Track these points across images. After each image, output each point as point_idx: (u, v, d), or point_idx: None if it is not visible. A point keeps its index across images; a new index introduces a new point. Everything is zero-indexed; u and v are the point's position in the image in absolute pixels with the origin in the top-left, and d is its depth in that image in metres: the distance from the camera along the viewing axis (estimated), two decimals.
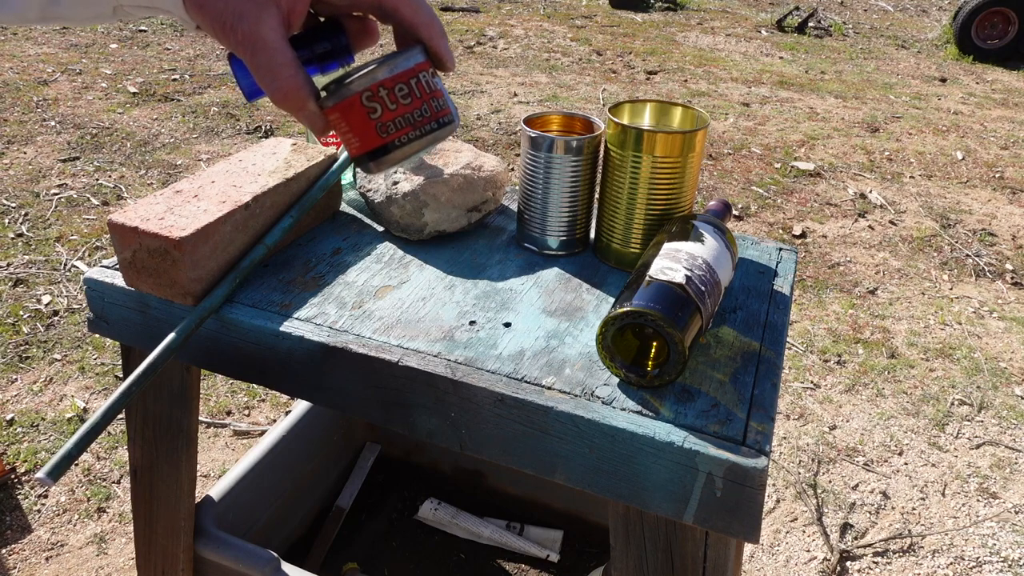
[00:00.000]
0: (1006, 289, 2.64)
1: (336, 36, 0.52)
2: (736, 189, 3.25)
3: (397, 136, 0.49)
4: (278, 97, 0.48)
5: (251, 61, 0.47)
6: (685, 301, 0.64)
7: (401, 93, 0.49)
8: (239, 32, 0.46)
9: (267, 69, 0.47)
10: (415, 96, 0.49)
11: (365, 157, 0.50)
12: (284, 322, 0.73)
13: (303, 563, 1.29)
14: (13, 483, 1.63)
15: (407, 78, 0.49)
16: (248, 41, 0.46)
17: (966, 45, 5.76)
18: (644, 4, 6.93)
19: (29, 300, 2.23)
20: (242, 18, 0.46)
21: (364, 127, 0.49)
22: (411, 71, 0.49)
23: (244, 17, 0.46)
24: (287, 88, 0.48)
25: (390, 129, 0.49)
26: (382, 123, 0.49)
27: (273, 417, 1.87)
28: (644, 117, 0.88)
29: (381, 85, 0.48)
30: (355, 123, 0.49)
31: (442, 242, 0.89)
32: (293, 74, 0.47)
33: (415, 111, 0.50)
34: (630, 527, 0.68)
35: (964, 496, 1.75)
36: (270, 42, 0.46)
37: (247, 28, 0.46)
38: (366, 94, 0.48)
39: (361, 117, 0.49)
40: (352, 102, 0.48)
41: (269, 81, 0.47)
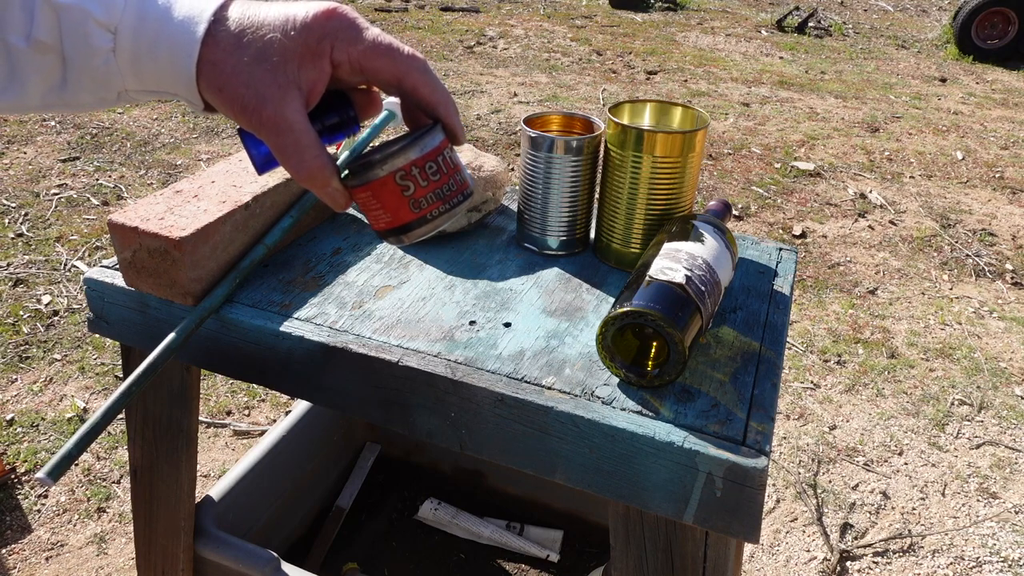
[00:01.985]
0: (1006, 289, 2.64)
1: (344, 109, 0.53)
2: (736, 189, 3.25)
3: (429, 211, 0.52)
4: (303, 176, 0.49)
5: (275, 143, 0.48)
6: (685, 301, 0.64)
7: (431, 170, 0.51)
8: (263, 115, 0.46)
9: (293, 151, 0.48)
10: (443, 172, 0.52)
11: (396, 230, 0.52)
12: (284, 322, 0.73)
13: (303, 563, 1.29)
14: (13, 483, 1.63)
15: (435, 156, 0.51)
16: (272, 124, 0.47)
17: (966, 45, 5.76)
18: (644, 4, 6.93)
19: (29, 300, 2.23)
20: (266, 102, 0.46)
21: (397, 204, 0.51)
22: (437, 149, 0.51)
23: (268, 100, 0.46)
24: (312, 168, 0.48)
25: (422, 204, 0.52)
26: (415, 200, 0.51)
27: (273, 417, 1.87)
28: (644, 117, 0.88)
29: (414, 164, 0.50)
30: (387, 200, 0.51)
31: (442, 242, 0.89)
32: (317, 155, 0.48)
33: (444, 186, 0.52)
34: (630, 527, 0.68)
35: (964, 496, 1.75)
36: (294, 124, 0.47)
37: (271, 112, 0.46)
38: (400, 173, 0.50)
39: (394, 195, 0.51)
40: (385, 181, 0.50)
41: (296, 163, 0.48)
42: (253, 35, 0.47)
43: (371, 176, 0.50)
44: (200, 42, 0.46)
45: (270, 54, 0.46)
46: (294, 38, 0.47)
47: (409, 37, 5.44)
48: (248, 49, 0.46)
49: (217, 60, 0.46)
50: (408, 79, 0.50)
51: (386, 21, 5.89)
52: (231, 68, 0.46)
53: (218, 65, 0.46)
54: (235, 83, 0.46)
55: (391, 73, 0.49)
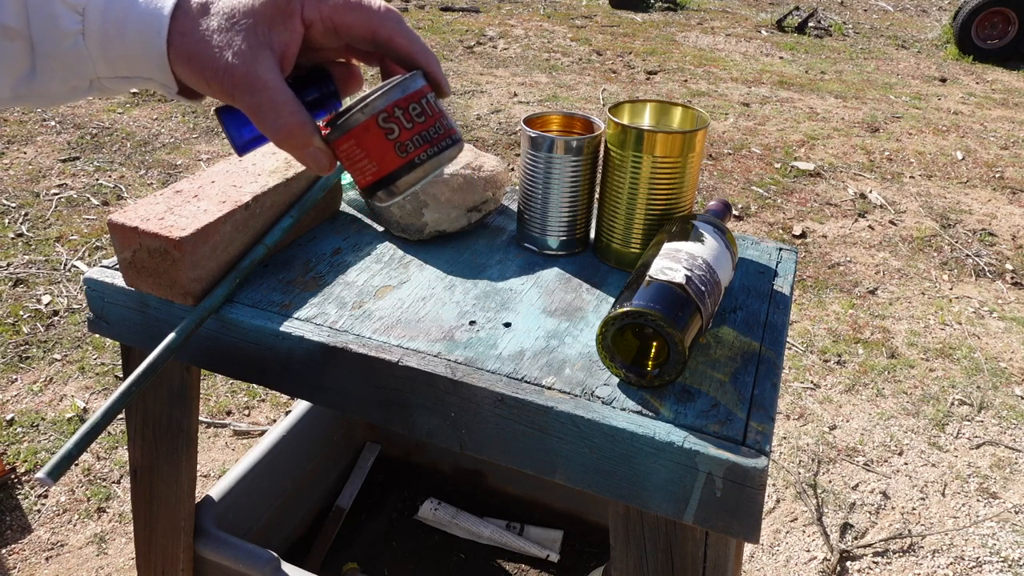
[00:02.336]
0: (1006, 289, 2.64)
1: (324, 83, 0.52)
2: (736, 189, 3.25)
3: (416, 154, 0.49)
4: (282, 135, 0.47)
5: (249, 102, 0.46)
6: (685, 301, 0.64)
7: (415, 112, 0.49)
8: (236, 75, 0.45)
9: (269, 108, 0.46)
10: (427, 115, 0.50)
11: (385, 180, 0.50)
12: (284, 322, 0.73)
13: (303, 563, 1.29)
14: (13, 483, 1.63)
15: (418, 98, 0.49)
16: (245, 83, 0.45)
17: (966, 45, 5.76)
18: (644, 4, 6.93)
19: (29, 300, 2.23)
20: (237, 63, 0.45)
21: (382, 149, 0.48)
22: (420, 92, 0.49)
23: (239, 62, 0.45)
24: (291, 125, 0.47)
25: (409, 148, 0.49)
26: (400, 143, 0.49)
27: (273, 417, 1.87)
28: (644, 117, 0.88)
29: (396, 105, 0.48)
30: (372, 147, 0.48)
31: (442, 242, 0.89)
32: (295, 110, 0.47)
33: (430, 128, 0.50)
34: (630, 527, 0.68)
35: (964, 496, 1.75)
36: (268, 81, 0.46)
37: (243, 71, 0.45)
38: (382, 115, 0.48)
39: (378, 139, 0.48)
40: (368, 125, 0.48)
41: (272, 120, 0.46)
42: (221, 2, 0.46)
43: (352, 122, 0.48)
44: (169, 15, 0.45)
45: (238, 18, 0.45)
46: (263, 1, 0.46)
47: None
48: (216, 16, 0.45)
49: (186, 30, 0.45)
50: (383, 30, 0.49)
51: None
52: (200, 35, 0.45)
53: (187, 34, 0.45)
54: (204, 49, 0.45)
55: (365, 27, 0.48)
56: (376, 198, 0.51)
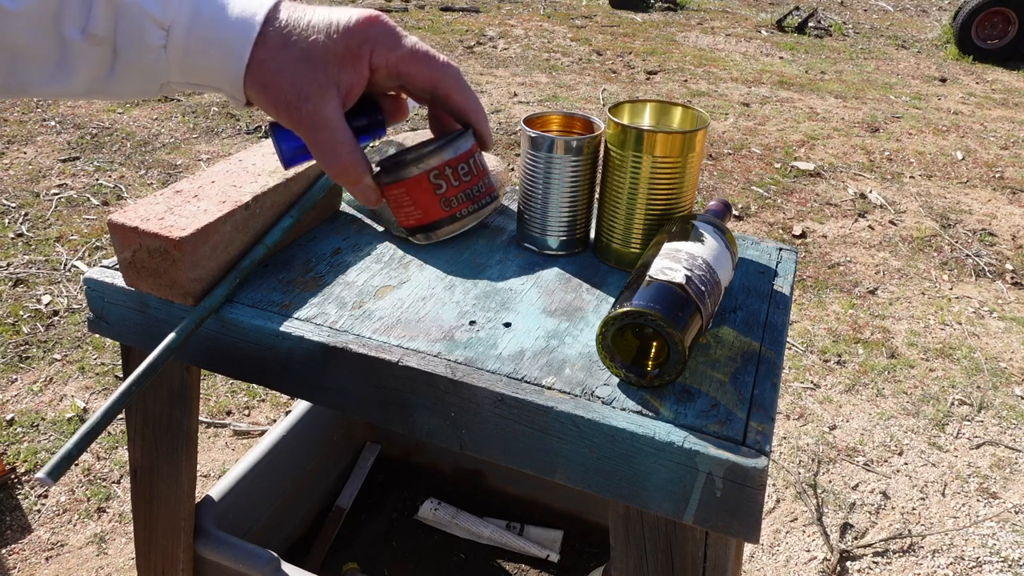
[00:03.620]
0: (1006, 289, 2.64)
1: (373, 113, 0.55)
2: (736, 189, 3.25)
3: (458, 210, 0.55)
4: (337, 171, 0.51)
5: (312, 138, 0.50)
6: (685, 301, 0.64)
7: (463, 171, 0.54)
8: (303, 111, 0.49)
9: (328, 146, 0.50)
10: (473, 174, 0.55)
11: (423, 228, 0.55)
12: (284, 322, 0.73)
13: (303, 563, 1.29)
14: (13, 483, 1.63)
15: (467, 159, 0.54)
16: (311, 120, 0.49)
17: (966, 45, 5.76)
18: (644, 4, 6.93)
19: (29, 300, 2.23)
20: (307, 99, 0.48)
21: (429, 202, 0.54)
22: (469, 152, 0.54)
23: (309, 98, 0.48)
24: (346, 164, 0.51)
25: (452, 203, 0.55)
26: (446, 198, 0.54)
27: (273, 417, 1.87)
28: (644, 117, 0.88)
29: (447, 164, 0.53)
30: (420, 198, 0.54)
31: (442, 242, 0.89)
32: (351, 151, 0.51)
33: (473, 187, 0.55)
34: (630, 527, 0.68)
35: (964, 496, 1.75)
36: (332, 122, 0.49)
37: (311, 108, 0.48)
38: (433, 172, 0.53)
39: (427, 193, 0.54)
40: (420, 179, 0.53)
41: (331, 158, 0.50)
42: (299, 36, 0.48)
43: (406, 174, 0.53)
44: (253, 42, 0.48)
45: (313, 54, 0.48)
46: (337, 41, 0.49)
47: None
48: (294, 49, 0.48)
49: (264, 58, 0.48)
50: (442, 85, 0.52)
51: None
52: (276, 66, 0.48)
53: (265, 63, 0.48)
54: (279, 80, 0.48)
55: (426, 79, 0.52)
56: (415, 237, 0.56)
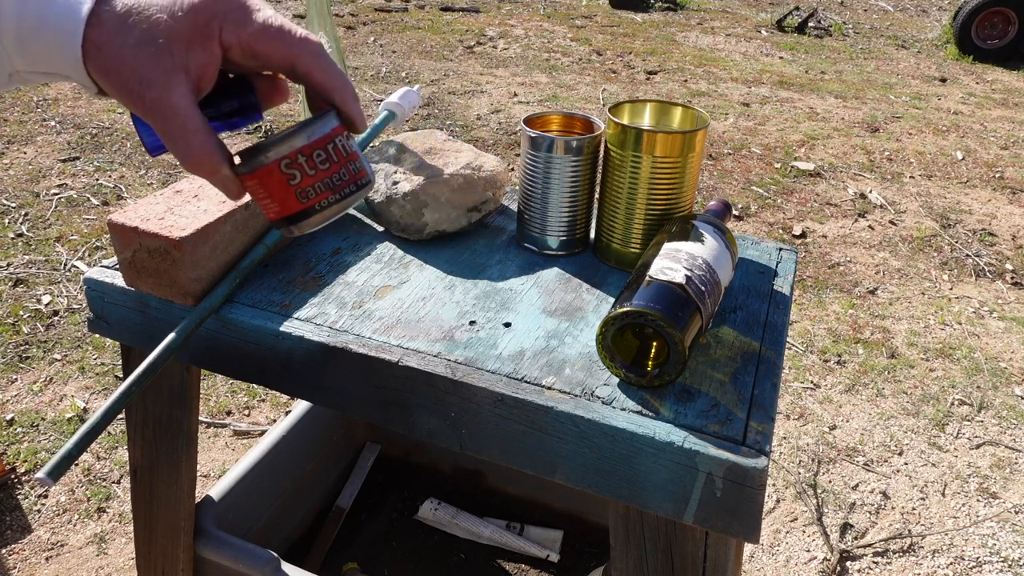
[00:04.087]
0: (1006, 289, 2.64)
1: (245, 94, 0.51)
2: (736, 189, 3.25)
3: (317, 201, 0.50)
4: (190, 164, 0.47)
5: (161, 128, 0.46)
6: (685, 301, 0.64)
7: (319, 159, 0.49)
8: (147, 99, 0.45)
9: (179, 136, 0.46)
10: (332, 161, 0.50)
11: (284, 221, 0.51)
12: (284, 322, 0.73)
13: (303, 563, 1.29)
14: (13, 483, 1.63)
15: (324, 144, 0.49)
16: (157, 108, 0.45)
17: (966, 45, 5.76)
18: (644, 4, 6.93)
19: (29, 300, 2.23)
20: (150, 85, 0.45)
21: (283, 193, 0.49)
22: (327, 136, 0.49)
23: (152, 84, 0.45)
24: (199, 154, 0.47)
25: (310, 194, 0.49)
26: (301, 189, 0.49)
27: (273, 417, 1.87)
28: (644, 117, 0.88)
29: (299, 152, 0.48)
30: (274, 189, 0.49)
31: (442, 242, 0.89)
32: (204, 140, 0.47)
33: (333, 175, 0.50)
34: (630, 527, 0.68)
35: (964, 496, 1.75)
36: (180, 109, 0.46)
37: (155, 95, 0.45)
38: (284, 161, 0.48)
39: (280, 184, 0.49)
40: (270, 169, 0.48)
41: (182, 148, 0.47)
42: (139, 16, 0.45)
43: (256, 163, 0.48)
44: (83, 22, 0.44)
45: (156, 36, 0.45)
46: (181, 19, 0.45)
47: (409, 37, 5.45)
48: (133, 31, 0.45)
49: (102, 42, 0.45)
50: (301, 63, 0.48)
51: (386, 21, 5.89)
52: (116, 51, 0.45)
53: (103, 48, 0.45)
54: (120, 66, 0.45)
55: (283, 57, 0.48)
56: (285, 230, 0.52)
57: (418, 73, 4.59)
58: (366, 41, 5.27)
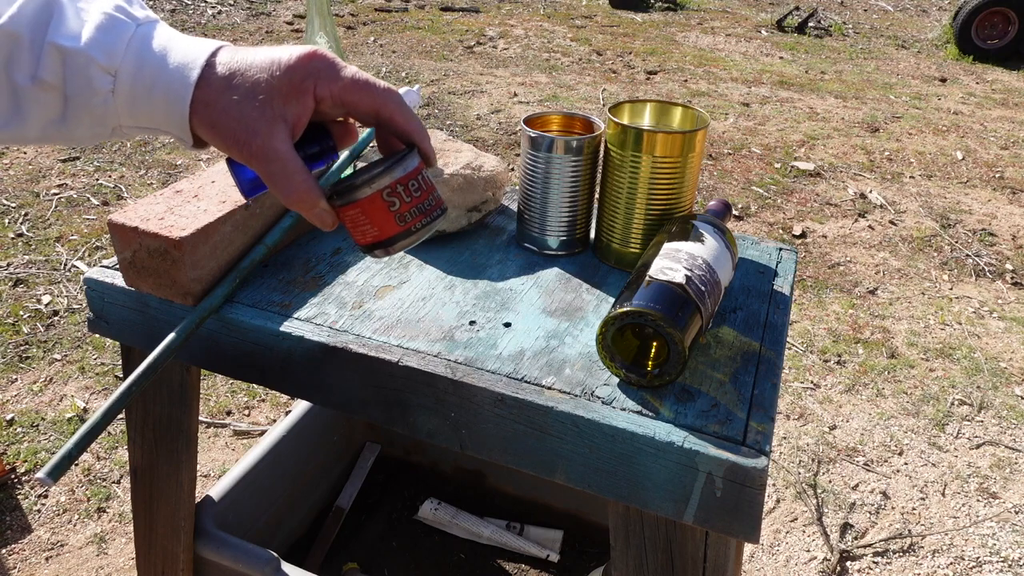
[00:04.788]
0: (1006, 289, 2.64)
1: (324, 138, 0.58)
2: (736, 189, 3.25)
3: (412, 224, 0.58)
4: (292, 200, 0.54)
5: (265, 170, 0.52)
6: (685, 301, 0.64)
7: (413, 188, 0.57)
8: (253, 146, 0.51)
9: (282, 177, 0.53)
10: (423, 190, 0.58)
11: (383, 243, 0.58)
12: (284, 322, 0.73)
13: (303, 563, 1.29)
14: (13, 483, 1.63)
15: (416, 175, 0.57)
16: (262, 153, 0.51)
17: (966, 45, 5.76)
18: (644, 4, 6.93)
19: (29, 300, 2.23)
20: (255, 134, 0.51)
21: (384, 218, 0.57)
22: (417, 170, 0.57)
23: (257, 133, 0.51)
24: (301, 192, 0.53)
25: (407, 218, 0.57)
26: (400, 214, 0.57)
27: (273, 417, 1.87)
28: (644, 117, 0.88)
29: (399, 182, 0.56)
30: (375, 216, 0.57)
31: (442, 242, 0.89)
32: (304, 179, 0.53)
33: (424, 202, 0.58)
34: (630, 527, 0.68)
35: (964, 496, 1.75)
36: (282, 153, 0.52)
37: (260, 142, 0.51)
38: (386, 190, 0.56)
39: (382, 210, 0.56)
40: (374, 198, 0.56)
41: (284, 187, 0.53)
42: (242, 77, 0.51)
43: (360, 195, 0.56)
44: (193, 86, 0.50)
45: (257, 92, 0.51)
46: (279, 78, 0.51)
47: (409, 37, 5.44)
48: (238, 89, 0.51)
49: (210, 100, 0.51)
50: (385, 110, 0.55)
51: (386, 21, 5.89)
52: (222, 106, 0.51)
53: (211, 104, 0.51)
54: (226, 119, 0.51)
55: (369, 105, 0.55)
56: (373, 253, 0.59)
57: (418, 73, 4.59)
58: (366, 41, 5.27)
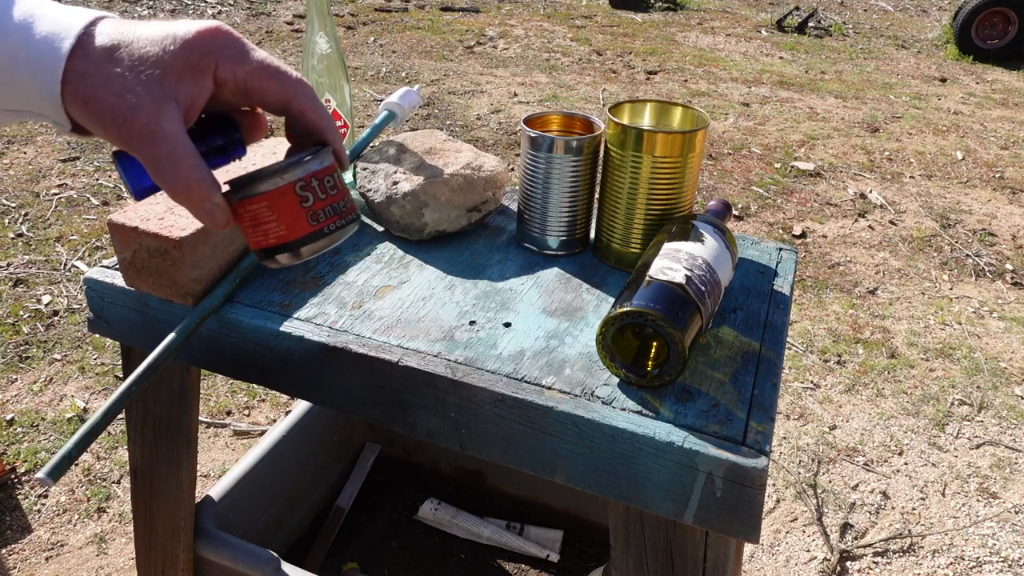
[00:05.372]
0: (1006, 289, 2.64)
1: (230, 130, 0.51)
2: (736, 189, 3.25)
3: (326, 224, 0.50)
4: (179, 188, 0.46)
5: (148, 153, 0.45)
6: (685, 301, 0.64)
7: (329, 184, 0.50)
8: (135, 124, 0.44)
9: (168, 161, 0.45)
10: (338, 189, 0.51)
11: (292, 244, 0.50)
12: (284, 322, 0.73)
13: (303, 563, 1.29)
14: (13, 483, 1.63)
15: (331, 172, 0.51)
16: (146, 133, 0.44)
17: (966, 45, 5.76)
18: (644, 4, 6.93)
19: (29, 300, 2.23)
20: (138, 110, 0.44)
21: (294, 215, 0.49)
22: (331, 168, 0.51)
23: (140, 110, 0.44)
24: (190, 180, 0.45)
25: (321, 217, 0.50)
26: (313, 211, 0.50)
27: (273, 417, 1.87)
28: (644, 117, 0.88)
29: (314, 176, 0.49)
30: (285, 211, 0.49)
31: (442, 242, 0.89)
32: (195, 166, 0.46)
33: (339, 203, 0.51)
34: (630, 527, 0.68)
35: (964, 496, 1.75)
36: (170, 134, 0.44)
37: (144, 120, 0.44)
38: (300, 183, 0.49)
39: (293, 205, 0.49)
40: (286, 190, 0.48)
41: (170, 173, 0.45)
42: (128, 49, 0.44)
43: (268, 186, 0.48)
44: (66, 56, 0.43)
45: (145, 66, 0.44)
46: (174, 52, 0.45)
47: (409, 37, 5.44)
48: (121, 62, 0.44)
49: (85, 72, 0.44)
50: (297, 102, 0.49)
51: (386, 21, 5.89)
52: (100, 79, 0.44)
53: (86, 77, 0.44)
54: (104, 94, 0.44)
55: (278, 95, 0.49)
56: (273, 260, 0.51)
57: (418, 73, 4.59)
58: (366, 41, 5.27)
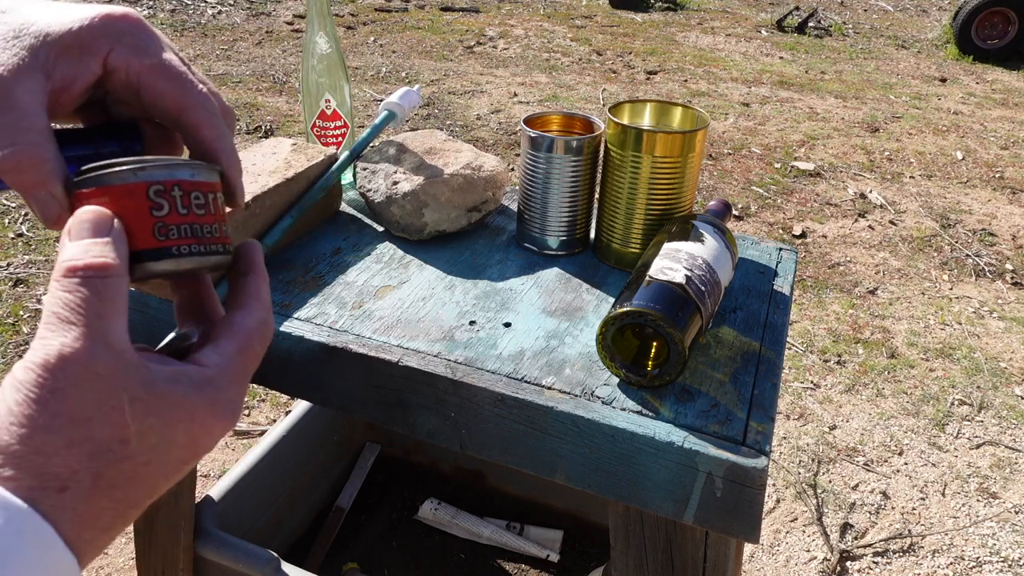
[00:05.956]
0: (1006, 289, 2.64)
1: (129, 139, 0.43)
2: (736, 189, 3.25)
3: (176, 244, 0.40)
4: (9, 165, 0.36)
5: None
6: (685, 301, 0.64)
7: (196, 201, 0.40)
8: None
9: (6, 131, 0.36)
10: (209, 212, 0.41)
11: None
12: (284, 322, 0.73)
13: (303, 563, 1.29)
14: None
15: (206, 190, 0.41)
16: None
17: (966, 45, 5.76)
18: (644, 4, 6.93)
19: (29, 300, 2.23)
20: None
21: (139, 223, 0.38)
22: (211, 186, 0.41)
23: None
24: (23, 157, 0.37)
25: (171, 234, 0.39)
26: (164, 224, 0.39)
27: (273, 417, 1.87)
28: (644, 117, 0.88)
29: (179, 184, 0.39)
30: (129, 215, 0.38)
31: (442, 242, 0.89)
32: (37, 143, 0.37)
33: (204, 225, 0.41)
34: (630, 527, 0.68)
35: (964, 496, 1.75)
36: (20, 103, 0.37)
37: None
38: (157, 187, 0.38)
39: (140, 211, 0.38)
40: (135, 189, 0.38)
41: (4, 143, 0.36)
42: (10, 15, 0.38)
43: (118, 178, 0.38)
44: None
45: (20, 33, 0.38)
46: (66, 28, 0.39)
47: (409, 37, 5.45)
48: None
49: None
50: (192, 114, 0.41)
51: (386, 21, 5.89)
52: None
53: None
54: None
55: (175, 100, 0.41)
56: None
57: (418, 73, 4.59)
58: (366, 41, 5.27)
